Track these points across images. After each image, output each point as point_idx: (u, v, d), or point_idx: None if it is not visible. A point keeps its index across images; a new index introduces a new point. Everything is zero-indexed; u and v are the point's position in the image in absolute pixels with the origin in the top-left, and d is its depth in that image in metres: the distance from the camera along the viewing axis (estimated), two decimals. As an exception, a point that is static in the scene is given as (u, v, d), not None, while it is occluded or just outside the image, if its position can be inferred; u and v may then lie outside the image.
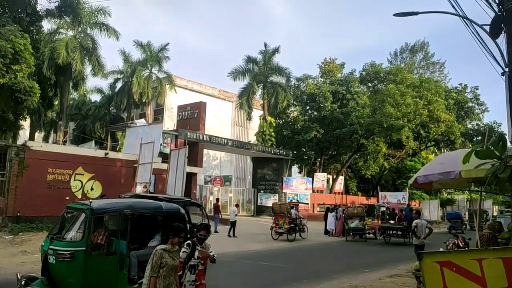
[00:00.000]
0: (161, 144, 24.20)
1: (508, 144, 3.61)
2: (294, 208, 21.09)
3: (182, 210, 7.10)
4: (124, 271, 6.35)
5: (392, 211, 21.66)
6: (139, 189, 21.51)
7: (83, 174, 19.31)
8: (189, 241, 5.32)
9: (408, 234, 18.71)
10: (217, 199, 23.56)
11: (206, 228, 5.55)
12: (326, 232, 22.96)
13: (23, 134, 31.56)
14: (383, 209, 23.98)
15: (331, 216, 23.06)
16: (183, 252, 5.15)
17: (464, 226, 27.22)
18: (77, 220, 6.66)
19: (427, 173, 6.90)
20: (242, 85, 37.17)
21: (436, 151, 46.47)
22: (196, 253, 5.28)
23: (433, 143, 43.55)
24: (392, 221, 20.10)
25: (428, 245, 18.69)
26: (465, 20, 8.83)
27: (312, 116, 40.64)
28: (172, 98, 37.88)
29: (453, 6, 8.65)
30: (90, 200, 6.78)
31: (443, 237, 12.61)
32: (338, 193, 39.19)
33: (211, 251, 5.46)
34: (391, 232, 19.74)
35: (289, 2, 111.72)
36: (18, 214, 17.29)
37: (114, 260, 6.33)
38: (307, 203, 31.31)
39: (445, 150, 42.87)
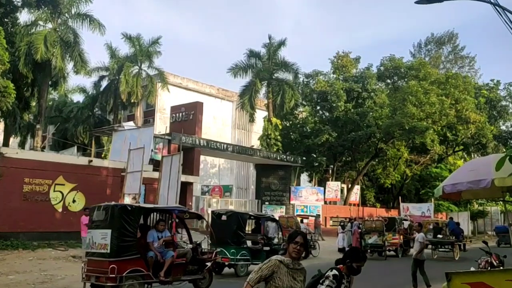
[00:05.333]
0: (152, 150, 24.22)
1: (548, 148, 3.59)
2: (316, 221, 21.47)
3: None
4: None
5: (436, 225, 22.63)
6: (127, 201, 21.50)
7: (64, 185, 19.34)
8: (336, 272, 4.41)
9: (459, 249, 21.06)
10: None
11: (364, 258, 4.63)
12: (341, 249, 22.88)
13: (-3, 140, 31.72)
14: (407, 223, 23.90)
15: (340, 233, 23.12)
16: (327, 286, 4.28)
17: None
18: None
19: (455, 182, 6.87)
20: (244, 83, 37.29)
21: (465, 156, 46.27)
22: None
23: (461, 147, 43.39)
24: (440, 236, 21.23)
25: (458, 262, 18.81)
26: (497, 8, 8.82)
27: (324, 117, 40.61)
28: (164, 97, 37.94)
29: (483, -8, 8.65)
30: None
31: (475, 255, 12.50)
32: (354, 204, 39.09)
33: None
34: (439, 246, 21.43)
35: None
36: (-9, 230, 17.32)
37: None
38: (319, 216, 31.26)
39: (476, 155, 42.70)
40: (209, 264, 10.96)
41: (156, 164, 22.65)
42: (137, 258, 9.30)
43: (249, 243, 14.27)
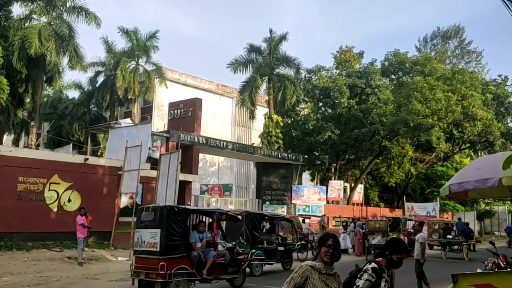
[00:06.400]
0: (149, 148, 24.24)
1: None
2: (322, 220, 21.28)
3: None
4: None
5: (446, 225, 23.21)
6: (124, 201, 21.57)
7: (59, 183, 19.35)
8: (375, 265, 4.19)
9: (468, 249, 21.57)
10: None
11: (406, 250, 4.36)
12: (344, 250, 22.98)
13: (-10, 137, 31.69)
14: (411, 223, 23.96)
15: (342, 233, 23.25)
16: (366, 280, 4.06)
17: None
18: None
19: (461, 181, 6.88)
20: (244, 79, 37.20)
21: (472, 154, 46.23)
22: (383, 284, 4.17)
23: (468, 145, 43.34)
24: (449, 236, 21.85)
25: (466, 264, 18.85)
26: (505, 0, 8.80)
27: (326, 114, 40.52)
28: (162, 94, 37.90)
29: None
30: None
31: (483, 256, 12.55)
32: (357, 204, 39.06)
33: None
34: (449, 247, 22.08)
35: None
36: (-16, 230, 17.34)
37: None
38: (321, 216, 31.26)
39: (483, 153, 42.63)
40: (245, 264, 12.04)
41: (154, 163, 22.66)
42: (183, 257, 10.26)
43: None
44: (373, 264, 4.19)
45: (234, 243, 12.55)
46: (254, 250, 14.08)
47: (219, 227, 12.65)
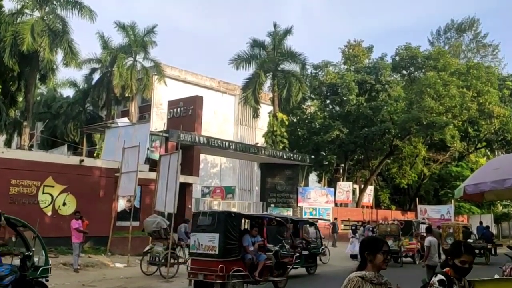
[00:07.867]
0: (148, 148, 24.27)
1: None
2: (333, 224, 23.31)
3: None
4: None
5: (466, 229, 23.23)
6: (121, 204, 21.60)
7: (53, 186, 19.39)
8: (442, 277, 3.95)
9: (489, 253, 21.96)
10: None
11: (469, 250, 4.00)
12: (353, 256, 22.91)
13: (-19, 138, 31.89)
14: (424, 226, 23.92)
15: (351, 237, 23.29)
16: None
17: None
18: None
19: (477, 181, 6.83)
20: (247, 75, 37.28)
21: (489, 153, 46.08)
22: None
23: (484, 144, 43.20)
24: (470, 240, 21.56)
25: (483, 269, 18.83)
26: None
27: (334, 112, 40.51)
28: (161, 91, 37.97)
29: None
30: None
31: (502, 261, 12.49)
32: (367, 206, 39.04)
33: None
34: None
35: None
36: (-25, 235, 17.41)
37: None
38: (329, 220, 31.22)
39: (500, 153, 42.51)
40: (290, 267, 13.25)
41: (153, 164, 22.69)
42: (238, 259, 11.32)
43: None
44: (440, 276, 3.97)
45: (278, 246, 13.56)
46: None
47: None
